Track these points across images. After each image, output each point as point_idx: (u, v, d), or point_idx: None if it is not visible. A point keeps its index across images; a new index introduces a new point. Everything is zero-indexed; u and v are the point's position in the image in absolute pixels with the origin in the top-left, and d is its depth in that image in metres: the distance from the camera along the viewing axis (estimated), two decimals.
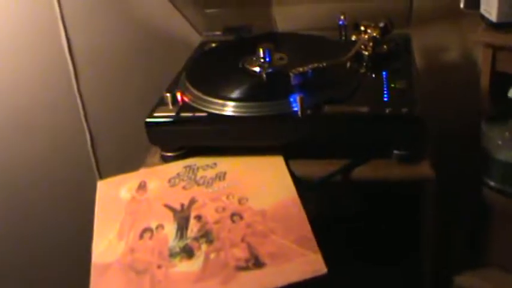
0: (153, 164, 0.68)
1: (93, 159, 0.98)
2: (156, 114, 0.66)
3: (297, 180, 0.62)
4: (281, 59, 0.71)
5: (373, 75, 0.69)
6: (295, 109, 0.63)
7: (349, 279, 0.62)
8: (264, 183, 0.63)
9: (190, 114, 0.65)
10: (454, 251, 0.73)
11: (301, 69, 0.66)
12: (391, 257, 0.67)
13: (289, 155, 0.65)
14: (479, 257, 0.71)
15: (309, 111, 0.63)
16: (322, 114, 0.63)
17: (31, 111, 0.92)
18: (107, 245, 0.58)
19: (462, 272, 0.69)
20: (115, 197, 0.64)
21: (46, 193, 0.98)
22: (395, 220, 0.65)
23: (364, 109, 0.63)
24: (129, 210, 0.62)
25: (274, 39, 0.75)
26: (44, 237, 1.01)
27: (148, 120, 0.66)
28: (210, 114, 0.65)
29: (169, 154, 0.68)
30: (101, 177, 0.99)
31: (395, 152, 0.64)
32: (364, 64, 0.71)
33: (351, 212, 0.66)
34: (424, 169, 0.62)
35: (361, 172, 0.64)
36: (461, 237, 0.75)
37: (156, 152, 0.70)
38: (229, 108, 0.65)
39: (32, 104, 0.91)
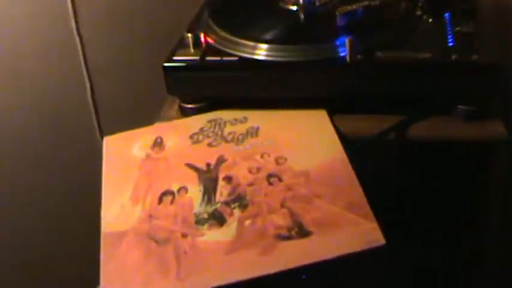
0: (170, 118, 0.67)
1: (93, 111, 0.96)
2: (176, 58, 0.64)
3: (344, 138, 0.61)
4: None
5: (433, 17, 0.67)
6: (343, 54, 0.61)
7: (401, 253, 0.60)
8: (305, 141, 0.61)
9: (217, 58, 0.63)
10: None
11: (349, 7, 0.64)
12: (451, 231, 0.65)
13: (334, 109, 0.64)
14: None
15: (359, 57, 0.60)
16: (374, 61, 0.61)
17: (24, 55, 0.89)
18: (119, 210, 0.57)
19: None
20: (126, 155, 0.63)
21: (39, 151, 0.96)
22: (457, 186, 0.64)
23: (425, 55, 0.60)
24: (144, 170, 0.61)
25: None
26: (40, 206, 1.00)
27: (166, 64, 0.64)
28: (241, 59, 0.63)
29: (190, 106, 0.66)
30: (102, 133, 0.97)
31: (461, 107, 0.62)
32: (421, 5, 0.68)
33: (405, 176, 0.64)
34: (496, 128, 0.60)
35: (418, 130, 0.62)
36: None
37: (173, 104, 0.68)
38: (262, 52, 0.63)
39: (26, 46, 0.89)
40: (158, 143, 0.63)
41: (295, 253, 0.51)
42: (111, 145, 0.65)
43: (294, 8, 0.68)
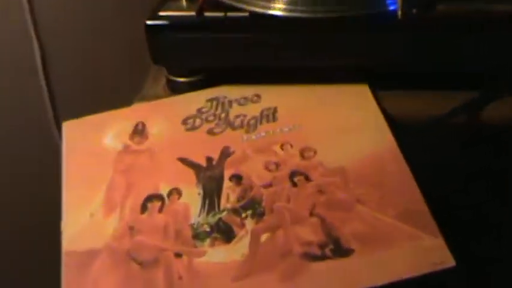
0: (155, 97, 0.67)
1: (45, 87, 0.96)
2: (163, 14, 0.64)
3: (394, 122, 0.61)
4: None
5: None
6: (392, 7, 0.61)
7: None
8: (340, 127, 0.62)
9: (220, 15, 0.63)
10: None
11: None
12: None
13: (378, 84, 0.64)
14: None
15: (414, 11, 0.60)
16: (434, 16, 0.60)
17: None
18: (87, 221, 0.57)
19: None
20: (95, 146, 0.63)
21: None
22: None
23: (505, 7, 0.59)
24: (120, 167, 0.61)
25: None
26: None
27: (150, 23, 0.64)
28: (253, 15, 0.63)
29: (182, 80, 0.67)
30: (57, 116, 0.97)
31: None
32: None
33: (473, 171, 0.63)
34: None
35: (493, 112, 0.62)
36: None
37: (158, 78, 0.68)
38: (280, 6, 0.63)
39: None
40: (139, 131, 0.63)
41: (330, 278, 0.50)
42: (74, 133, 0.65)
43: None
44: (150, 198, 0.57)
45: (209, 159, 0.60)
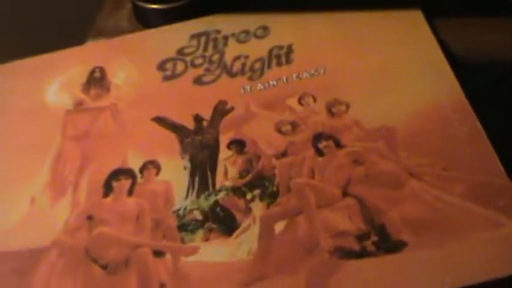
0: (116, 31, 0.68)
1: None
2: None
3: (457, 63, 0.60)
4: None
5: None
6: None
7: None
8: (382, 70, 0.62)
9: None
10: None
11: None
12: None
13: (436, 9, 0.64)
14: None
15: None
16: None
17: None
18: (26, 210, 0.58)
19: None
20: (34, 103, 0.64)
21: None
22: None
23: None
24: (71, 133, 0.62)
25: None
26: None
27: None
28: None
29: (155, 7, 0.67)
30: None
31: None
32: None
33: None
34: None
35: None
36: None
37: (120, 4, 0.70)
38: None
39: None
40: (97, 80, 0.64)
41: (373, 282, 0.51)
42: (3, 84, 0.66)
43: None
44: (115, 174, 0.59)
45: (198, 119, 0.60)
